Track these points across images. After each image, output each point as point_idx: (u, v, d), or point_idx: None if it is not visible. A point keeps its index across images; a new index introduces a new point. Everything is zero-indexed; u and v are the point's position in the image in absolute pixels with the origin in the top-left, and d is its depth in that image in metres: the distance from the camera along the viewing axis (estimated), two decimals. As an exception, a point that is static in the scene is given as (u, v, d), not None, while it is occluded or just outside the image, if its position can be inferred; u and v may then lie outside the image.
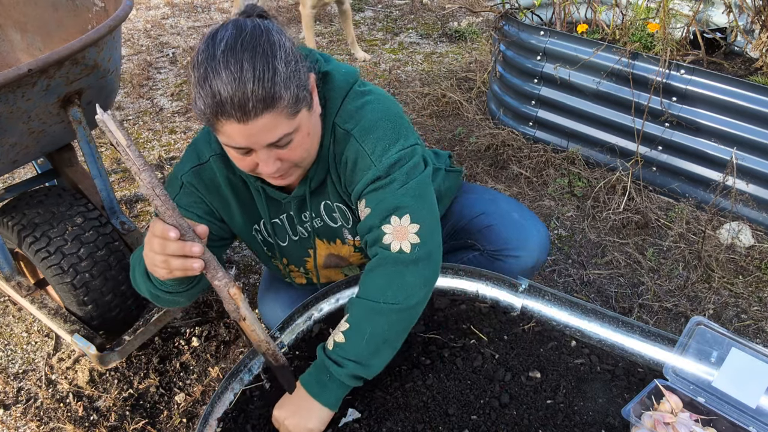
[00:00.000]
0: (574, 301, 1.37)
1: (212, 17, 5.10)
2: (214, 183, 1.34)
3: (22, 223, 1.74)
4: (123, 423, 1.80)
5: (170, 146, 3.26)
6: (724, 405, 1.14)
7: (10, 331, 2.16)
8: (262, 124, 1.05)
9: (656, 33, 2.62)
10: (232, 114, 1.03)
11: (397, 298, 1.17)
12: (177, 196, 1.34)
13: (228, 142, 1.10)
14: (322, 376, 1.17)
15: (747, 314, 2.18)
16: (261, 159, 1.13)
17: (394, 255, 1.19)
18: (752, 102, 2.35)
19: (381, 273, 1.20)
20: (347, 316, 1.21)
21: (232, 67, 1.02)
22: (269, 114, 1.05)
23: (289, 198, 1.35)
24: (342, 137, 1.25)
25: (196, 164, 1.33)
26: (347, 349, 1.17)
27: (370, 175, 1.22)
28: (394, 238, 1.20)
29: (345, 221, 1.41)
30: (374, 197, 1.22)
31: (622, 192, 2.67)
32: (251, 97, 1.02)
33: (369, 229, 1.23)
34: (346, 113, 1.26)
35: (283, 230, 1.44)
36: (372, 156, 1.22)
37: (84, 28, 2.02)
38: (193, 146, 1.36)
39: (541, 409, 1.19)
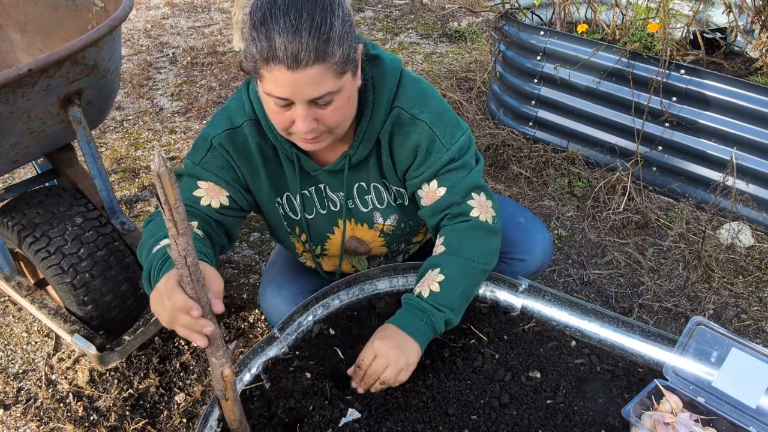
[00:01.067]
0: (574, 301, 1.37)
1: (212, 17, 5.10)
2: (246, 148, 1.35)
3: (22, 223, 1.74)
4: (123, 423, 1.80)
5: (170, 146, 3.26)
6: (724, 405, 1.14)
7: (10, 331, 2.16)
8: (310, 76, 1.08)
9: (656, 33, 2.62)
10: (283, 60, 1.05)
11: (485, 259, 1.34)
12: (204, 157, 1.33)
13: (272, 91, 1.12)
14: (418, 320, 1.25)
15: (747, 314, 2.18)
16: (299, 115, 1.14)
17: (483, 223, 1.34)
18: (752, 102, 2.35)
19: (473, 236, 1.33)
20: (439, 269, 1.30)
21: (292, 15, 1.04)
22: (319, 66, 1.07)
23: (320, 171, 1.38)
24: (409, 121, 1.31)
25: (229, 127, 1.33)
26: (443, 298, 1.27)
27: (445, 158, 1.31)
28: (480, 211, 1.34)
29: (379, 203, 1.44)
30: (450, 177, 1.33)
31: (622, 192, 2.67)
32: (305, 46, 1.05)
33: (449, 204, 1.34)
34: (410, 98, 1.31)
35: (312, 202, 1.45)
36: (444, 140, 1.31)
37: (84, 28, 2.02)
38: (224, 111, 1.36)
39: (541, 409, 1.19)
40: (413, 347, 1.23)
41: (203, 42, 4.57)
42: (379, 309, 1.42)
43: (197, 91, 3.83)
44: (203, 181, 1.33)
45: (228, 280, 2.34)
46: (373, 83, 1.30)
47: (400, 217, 1.49)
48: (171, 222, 0.82)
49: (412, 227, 1.54)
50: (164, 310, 0.95)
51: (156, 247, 1.19)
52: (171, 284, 0.93)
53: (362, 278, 1.46)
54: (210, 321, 0.93)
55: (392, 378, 1.21)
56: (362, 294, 1.46)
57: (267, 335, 1.33)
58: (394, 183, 1.42)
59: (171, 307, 0.93)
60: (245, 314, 2.18)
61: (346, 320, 1.40)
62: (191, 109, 3.61)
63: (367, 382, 1.23)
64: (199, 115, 3.56)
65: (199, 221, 1.29)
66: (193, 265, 0.87)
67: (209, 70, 4.11)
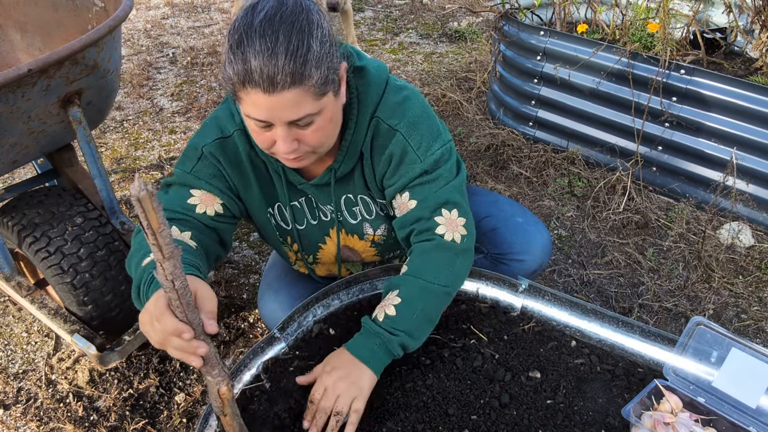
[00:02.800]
0: (574, 301, 1.37)
1: (212, 17, 5.10)
2: (237, 157, 1.34)
3: (22, 223, 1.74)
4: (123, 423, 1.80)
5: (170, 146, 3.26)
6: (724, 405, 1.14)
7: (10, 331, 2.16)
8: (287, 99, 1.07)
9: (656, 33, 2.62)
10: (259, 83, 1.04)
11: (448, 281, 1.28)
12: (195, 167, 1.31)
13: (250, 113, 1.11)
14: (371, 344, 1.22)
15: (747, 314, 2.18)
16: (279, 136, 1.13)
17: (448, 243, 1.29)
18: (752, 102, 2.35)
19: (435, 257, 1.28)
20: (398, 291, 1.26)
21: (267, 38, 1.03)
22: (296, 90, 1.06)
23: (306, 185, 1.37)
24: (386, 132, 1.29)
25: (219, 136, 1.32)
26: (398, 322, 1.23)
27: (417, 170, 1.28)
28: (447, 229, 1.29)
29: (368, 214, 1.43)
30: (421, 191, 1.29)
31: (622, 192, 2.67)
32: (281, 69, 1.04)
33: (417, 219, 1.30)
34: (389, 108, 1.29)
35: (302, 213, 1.45)
36: (418, 151, 1.28)
37: (84, 28, 2.02)
38: (214, 120, 1.35)
39: (541, 409, 1.19)
40: (364, 373, 1.19)
41: (203, 42, 4.57)
42: (379, 309, 1.42)
43: (197, 91, 3.83)
44: (196, 190, 1.31)
45: (228, 280, 2.34)
46: (358, 96, 1.28)
47: (389, 227, 1.48)
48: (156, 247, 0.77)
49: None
50: (155, 332, 0.91)
51: (146, 260, 1.16)
52: (160, 307, 0.89)
53: (362, 278, 1.46)
54: (203, 342, 0.89)
55: (345, 407, 1.15)
56: (362, 294, 1.46)
57: (267, 335, 1.33)
58: (378, 195, 1.41)
59: (161, 330, 0.89)
60: (245, 314, 2.18)
61: (346, 320, 1.40)
62: (191, 109, 3.61)
63: (319, 419, 1.15)
64: (199, 115, 3.56)
65: (194, 231, 1.27)
66: (182, 288, 0.83)
67: (209, 70, 4.11)
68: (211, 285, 2.31)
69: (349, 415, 1.15)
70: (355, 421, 1.15)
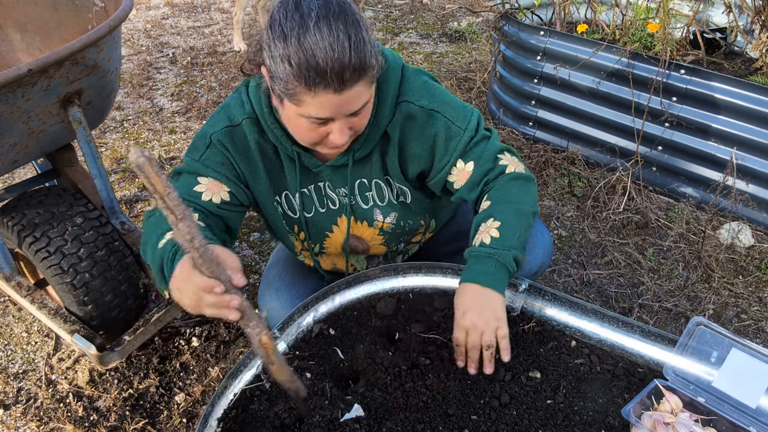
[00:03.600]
0: (574, 301, 1.37)
1: (212, 17, 5.10)
2: (245, 146, 1.35)
3: (22, 223, 1.74)
4: (123, 423, 1.80)
5: (170, 146, 3.26)
6: (724, 405, 1.14)
7: (10, 331, 2.16)
8: (353, 94, 1.09)
9: (656, 33, 2.62)
10: (330, 83, 1.05)
11: (531, 203, 1.36)
12: (204, 154, 1.33)
13: (314, 114, 1.12)
14: (488, 268, 1.24)
15: (747, 314, 2.18)
16: (337, 128, 1.16)
17: (518, 173, 1.37)
18: (752, 102, 2.35)
19: (515, 185, 1.36)
20: (493, 218, 1.30)
21: (328, 36, 1.04)
22: (360, 83, 1.09)
23: (322, 167, 1.38)
24: (422, 114, 1.33)
25: (228, 125, 1.33)
26: (505, 240, 1.27)
27: (465, 138, 1.35)
28: (513, 168, 1.38)
29: (380, 200, 1.45)
30: (475, 152, 1.37)
31: (622, 192, 2.67)
32: (348, 66, 1.05)
33: (486, 172, 1.37)
34: (416, 91, 1.33)
35: (311, 201, 1.46)
36: (460, 124, 1.35)
37: (84, 28, 2.02)
38: (223, 109, 1.36)
39: (541, 409, 1.19)
40: (494, 300, 1.22)
41: (203, 42, 4.57)
42: (379, 309, 1.42)
43: (197, 91, 3.83)
44: (203, 177, 1.33)
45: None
46: (378, 81, 1.30)
47: (399, 215, 1.49)
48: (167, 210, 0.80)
49: (411, 226, 1.54)
50: (186, 295, 0.95)
51: (161, 242, 1.19)
52: (186, 269, 0.92)
53: (362, 278, 1.46)
54: (235, 294, 0.92)
55: (493, 339, 1.19)
56: (362, 294, 1.46)
57: (267, 335, 1.33)
58: (398, 179, 1.43)
59: (192, 290, 0.92)
60: (245, 314, 2.18)
61: (346, 320, 1.40)
62: (191, 109, 3.61)
63: (474, 358, 1.21)
64: (199, 115, 3.56)
65: (200, 216, 1.29)
66: (202, 246, 0.86)
67: (209, 70, 4.11)
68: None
69: (499, 342, 1.20)
70: (507, 346, 1.20)
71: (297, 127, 1.20)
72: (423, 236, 1.65)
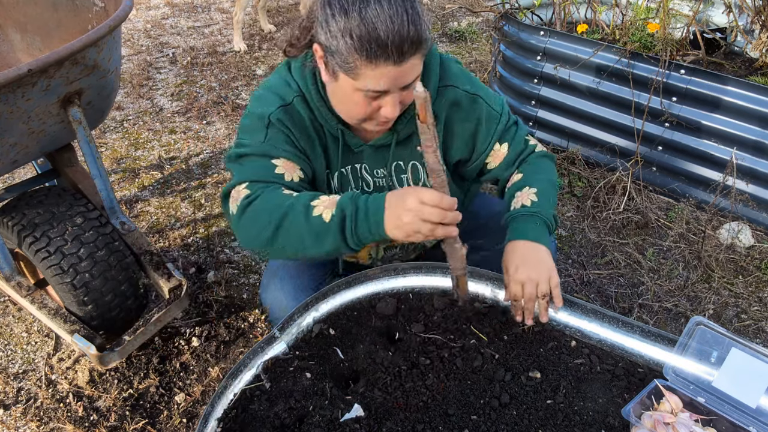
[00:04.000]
0: (574, 301, 1.37)
1: (212, 17, 5.10)
2: (302, 123, 1.37)
3: (22, 223, 1.74)
4: (123, 423, 1.80)
5: (170, 146, 3.26)
6: (724, 405, 1.14)
7: (10, 331, 2.16)
8: (409, 66, 1.14)
9: (656, 33, 2.62)
10: (390, 55, 1.10)
11: (556, 177, 1.50)
12: (267, 136, 1.32)
13: (371, 86, 1.16)
14: (534, 225, 1.34)
15: (747, 314, 2.18)
16: (389, 102, 1.20)
17: (545, 152, 1.52)
18: (752, 102, 2.35)
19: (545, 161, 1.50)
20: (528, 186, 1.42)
21: (388, 9, 1.08)
22: (417, 55, 1.14)
23: (365, 146, 1.41)
24: (468, 99, 1.41)
25: (281, 104, 1.34)
26: (543, 205, 1.39)
27: (503, 122, 1.47)
28: (540, 148, 1.53)
29: (414, 182, 1.50)
30: (509, 135, 1.49)
31: (622, 192, 2.67)
32: (407, 38, 1.09)
33: (520, 152, 1.50)
34: (458, 77, 1.41)
35: (348, 181, 1.48)
36: (495, 108, 1.46)
37: (84, 28, 2.02)
38: (269, 90, 1.37)
39: (541, 409, 1.19)
40: (543, 253, 1.30)
41: (203, 42, 4.57)
42: (379, 309, 1.42)
43: (197, 91, 3.83)
44: (276, 159, 1.31)
45: (228, 280, 2.35)
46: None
47: None
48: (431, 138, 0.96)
49: None
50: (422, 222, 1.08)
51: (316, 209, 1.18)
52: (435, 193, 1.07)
53: (362, 278, 1.46)
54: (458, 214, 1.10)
55: (547, 288, 1.26)
56: (362, 294, 1.46)
57: (267, 335, 1.33)
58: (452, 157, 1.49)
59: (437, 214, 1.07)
60: (245, 314, 2.18)
61: (346, 320, 1.40)
62: (191, 109, 3.61)
63: (531, 309, 1.27)
64: (199, 115, 3.56)
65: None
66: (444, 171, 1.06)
67: (209, 70, 4.11)
68: (211, 285, 2.31)
69: (552, 291, 1.29)
70: (559, 294, 1.29)
71: (349, 103, 1.23)
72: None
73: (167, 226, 2.66)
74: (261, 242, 1.24)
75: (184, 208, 2.77)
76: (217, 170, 3.06)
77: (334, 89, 1.27)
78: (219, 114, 3.56)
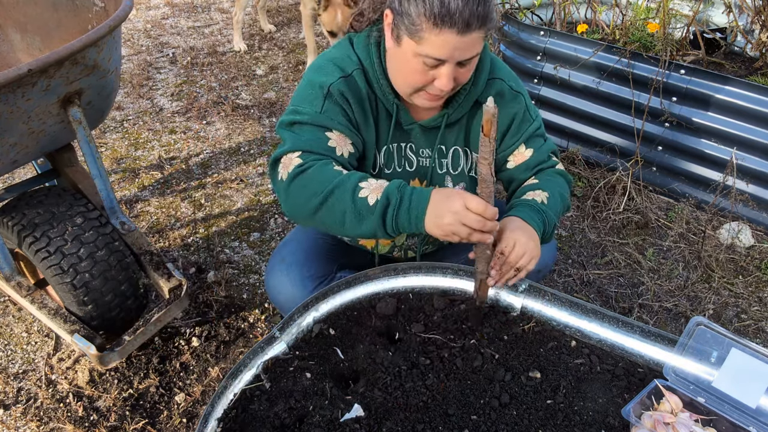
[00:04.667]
0: (574, 301, 1.37)
1: (212, 17, 5.10)
2: (360, 95, 1.41)
3: (22, 223, 1.74)
4: (123, 423, 1.80)
5: (170, 146, 3.26)
6: (724, 405, 1.14)
7: (10, 331, 2.16)
8: (472, 39, 1.20)
9: (656, 33, 2.62)
10: (456, 23, 1.16)
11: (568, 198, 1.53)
12: (324, 106, 1.36)
13: (432, 53, 1.21)
14: (538, 218, 1.38)
15: (747, 314, 2.18)
16: (445, 73, 1.25)
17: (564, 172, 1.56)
18: (752, 102, 2.35)
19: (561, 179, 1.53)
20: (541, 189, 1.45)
21: None
22: (480, 31, 1.20)
23: (415, 125, 1.46)
24: (511, 94, 1.48)
25: (342, 75, 1.38)
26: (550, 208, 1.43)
27: (534, 126, 1.52)
28: (561, 167, 1.56)
29: (453, 168, 1.54)
30: (536, 142, 1.52)
31: (622, 192, 2.67)
32: (475, 11, 1.16)
33: (541, 162, 1.53)
34: (506, 73, 1.49)
35: (392, 158, 1.51)
36: (532, 112, 1.53)
37: (84, 28, 2.02)
38: (331, 61, 1.41)
39: (541, 409, 1.19)
40: (537, 239, 1.34)
41: (203, 42, 4.57)
42: (379, 309, 1.42)
43: (197, 91, 3.83)
44: (330, 132, 1.35)
45: (228, 280, 2.35)
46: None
47: (466, 187, 1.55)
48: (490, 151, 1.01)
49: None
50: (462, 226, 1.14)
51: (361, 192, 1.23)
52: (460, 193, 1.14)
53: (362, 278, 1.46)
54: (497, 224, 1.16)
55: (528, 264, 1.29)
56: (362, 294, 1.46)
57: (267, 335, 1.33)
58: (475, 147, 1.52)
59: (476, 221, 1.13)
60: (245, 314, 2.19)
61: (346, 320, 1.40)
62: (191, 109, 3.61)
63: (506, 271, 1.29)
64: (199, 115, 3.56)
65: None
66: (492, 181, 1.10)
67: (209, 70, 4.11)
68: (211, 285, 2.31)
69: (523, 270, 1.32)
70: (524, 275, 1.33)
71: (407, 69, 1.28)
72: None
73: (167, 226, 2.66)
74: (306, 211, 1.28)
75: (184, 208, 2.77)
76: (217, 170, 3.06)
77: (395, 54, 1.31)
78: (219, 114, 3.56)
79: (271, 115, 3.58)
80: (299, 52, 4.40)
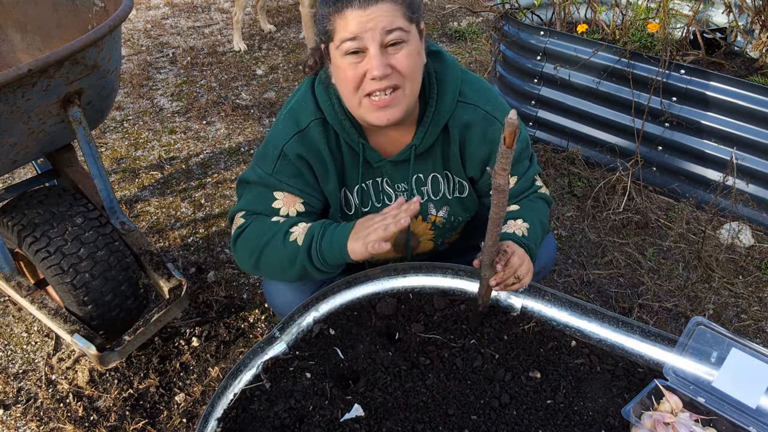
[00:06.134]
0: (574, 301, 1.37)
1: (212, 17, 5.10)
2: (316, 147, 1.40)
3: (22, 223, 1.74)
4: (123, 423, 1.80)
5: (170, 146, 3.26)
6: (724, 405, 1.14)
7: (10, 331, 2.16)
8: (381, 10, 1.18)
9: (656, 33, 2.62)
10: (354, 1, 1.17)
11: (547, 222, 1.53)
12: (275, 167, 1.38)
13: (342, 35, 1.21)
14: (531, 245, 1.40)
15: (747, 314, 2.18)
16: (373, 55, 1.20)
17: (545, 195, 1.54)
18: (752, 102, 2.35)
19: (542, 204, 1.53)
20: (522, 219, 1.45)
21: None
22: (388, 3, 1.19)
23: (384, 162, 1.43)
24: (484, 119, 1.40)
25: (296, 131, 1.38)
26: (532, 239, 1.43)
27: (518, 150, 1.47)
28: (543, 190, 1.55)
29: (434, 194, 1.51)
30: (519, 168, 1.49)
31: (622, 192, 2.67)
32: None
33: (524, 189, 1.52)
34: (481, 95, 1.41)
35: (368, 196, 1.50)
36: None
37: (84, 28, 2.02)
38: (288, 115, 1.41)
39: (541, 409, 1.19)
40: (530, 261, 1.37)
41: (203, 42, 4.57)
42: (379, 309, 1.42)
43: (197, 91, 3.83)
44: (279, 192, 1.39)
45: (228, 280, 2.34)
46: (437, 76, 1.37)
47: (450, 210, 1.54)
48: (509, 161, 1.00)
49: (459, 222, 1.58)
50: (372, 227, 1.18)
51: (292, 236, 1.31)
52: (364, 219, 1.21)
53: (362, 278, 1.46)
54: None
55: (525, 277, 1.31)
56: (362, 294, 1.46)
57: (267, 335, 1.33)
58: (458, 173, 1.49)
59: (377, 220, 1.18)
60: (245, 314, 2.19)
61: (346, 320, 1.40)
62: (191, 109, 3.61)
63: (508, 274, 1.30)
64: (199, 115, 3.56)
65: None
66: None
67: (209, 70, 4.11)
68: (211, 285, 2.31)
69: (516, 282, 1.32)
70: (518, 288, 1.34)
71: (342, 76, 1.26)
72: (457, 235, 1.68)
73: (167, 226, 2.66)
74: (249, 267, 1.41)
75: (184, 208, 2.77)
76: (217, 170, 3.06)
77: (334, 73, 1.31)
78: (219, 114, 3.56)
79: (271, 115, 3.58)
80: (299, 52, 4.40)
